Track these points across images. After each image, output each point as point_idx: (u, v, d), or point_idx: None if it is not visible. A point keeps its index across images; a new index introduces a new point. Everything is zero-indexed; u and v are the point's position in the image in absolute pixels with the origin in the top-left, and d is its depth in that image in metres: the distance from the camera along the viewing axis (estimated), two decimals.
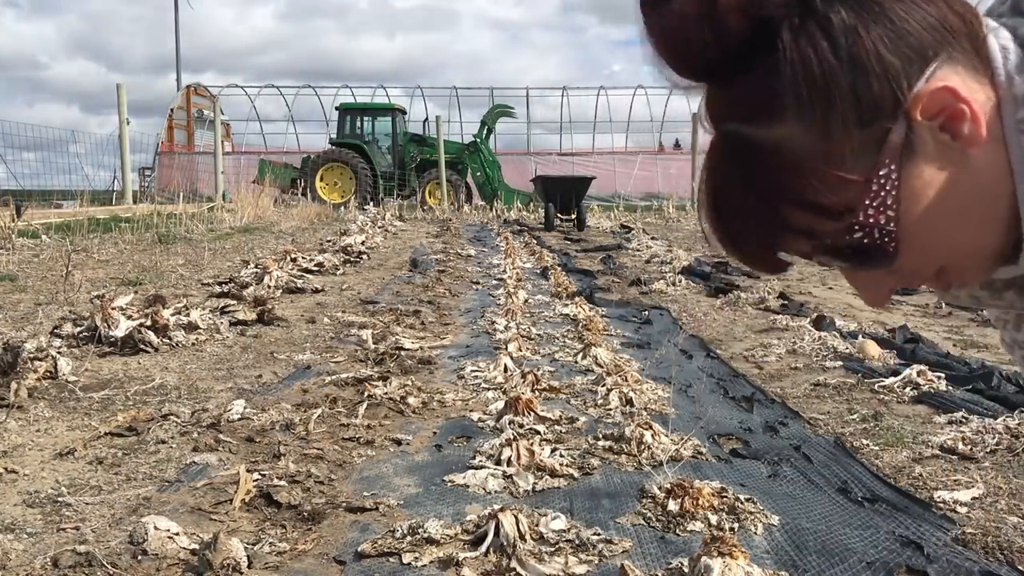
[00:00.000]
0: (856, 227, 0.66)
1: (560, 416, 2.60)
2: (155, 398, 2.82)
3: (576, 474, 2.13)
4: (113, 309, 3.63)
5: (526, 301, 5.16)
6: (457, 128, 26.85)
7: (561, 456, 2.22)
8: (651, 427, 2.36)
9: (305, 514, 1.87)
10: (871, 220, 0.66)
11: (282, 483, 2.01)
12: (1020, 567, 1.63)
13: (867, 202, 0.65)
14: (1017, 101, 0.62)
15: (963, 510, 1.90)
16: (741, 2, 0.63)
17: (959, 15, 0.65)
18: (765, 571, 1.57)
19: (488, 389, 3.01)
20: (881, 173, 0.65)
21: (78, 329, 3.57)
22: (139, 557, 1.62)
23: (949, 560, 1.63)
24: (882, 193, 0.65)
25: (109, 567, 1.56)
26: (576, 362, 3.46)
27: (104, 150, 16.82)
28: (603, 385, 2.97)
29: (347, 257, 7.49)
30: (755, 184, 0.67)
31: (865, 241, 0.67)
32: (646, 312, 4.79)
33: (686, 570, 1.59)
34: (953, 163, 0.65)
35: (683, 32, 0.64)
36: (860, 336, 3.89)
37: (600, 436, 2.40)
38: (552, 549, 1.68)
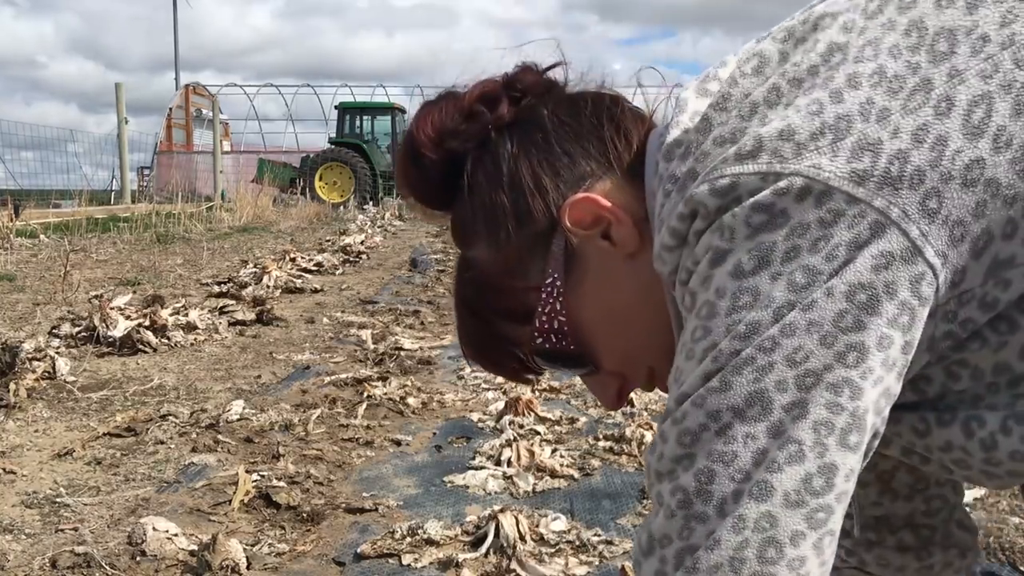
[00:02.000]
0: (536, 332, 0.73)
1: (560, 416, 2.60)
2: (154, 398, 2.82)
3: (576, 475, 2.12)
4: (111, 309, 3.62)
5: None
6: None
7: (561, 456, 2.22)
8: (652, 427, 2.36)
9: (304, 515, 1.86)
10: (545, 325, 0.72)
11: (281, 484, 2.00)
12: (1021, 567, 1.63)
13: (540, 308, 0.72)
14: (668, 241, 0.62)
15: None
16: (431, 139, 0.73)
17: (625, 140, 0.71)
18: None
19: (488, 389, 3.01)
20: (547, 281, 0.71)
21: (76, 329, 3.56)
22: (138, 558, 1.62)
23: None
24: (550, 300, 0.71)
25: (108, 568, 1.56)
26: None
27: (102, 149, 16.82)
28: None
29: (346, 257, 7.48)
30: (468, 299, 0.77)
31: (547, 345, 0.73)
32: None
33: None
34: (618, 270, 0.70)
35: (403, 170, 0.76)
36: None
37: (600, 436, 2.40)
38: (552, 550, 1.67)
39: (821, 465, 0.54)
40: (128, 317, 3.63)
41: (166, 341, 3.59)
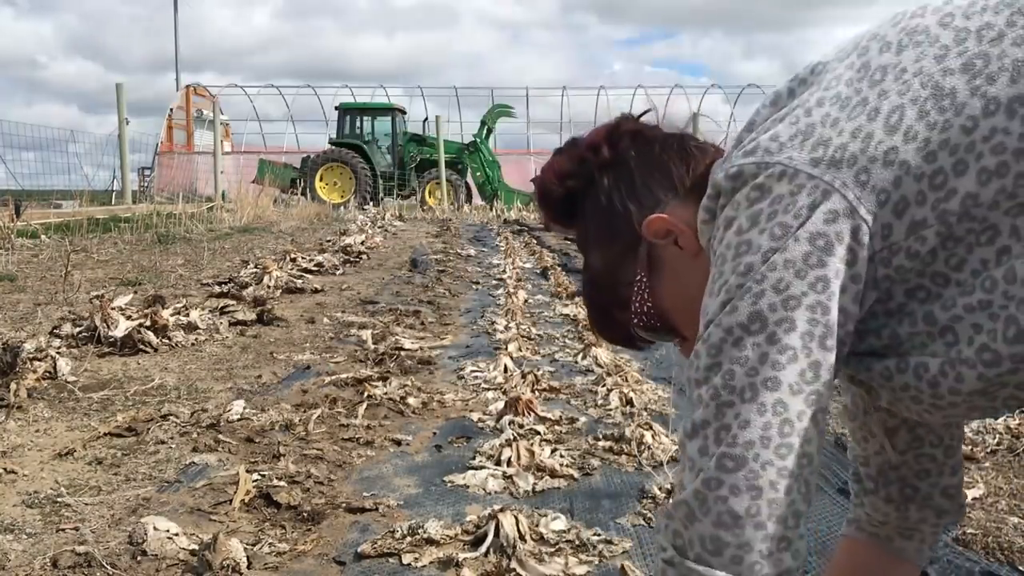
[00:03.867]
0: (633, 315, 0.98)
1: (560, 416, 2.60)
2: (154, 398, 2.82)
3: (576, 474, 2.13)
4: (112, 309, 3.62)
5: (526, 301, 5.16)
6: (457, 128, 26.84)
7: (561, 456, 2.22)
8: (651, 427, 2.36)
9: (305, 514, 1.87)
10: (638, 309, 0.97)
11: (282, 483, 2.01)
12: (1021, 567, 1.63)
13: (633, 298, 0.97)
14: (704, 217, 0.87)
15: None
16: (556, 179, 1.02)
17: (692, 167, 0.97)
18: None
19: (488, 389, 3.01)
20: (637, 278, 0.97)
21: (77, 329, 3.57)
22: (138, 558, 1.62)
23: (949, 560, 1.63)
24: (640, 292, 0.97)
25: (108, 568, 1.56)
26: (576, 362, 3.46)
27: (103, 150, 16.81)
28: (603, 385, 2.97)
29: (347, 257, 7.48)
30: (587, 293, 1.06)
31: (642, 324, 0.98)
32: None
33: None
34: (686, 267, 0.93)
35: (539, 199, 1.05)
36: None
37: (600, 436, 2.40)
38: (552, 549, 1.68)
39: (810, 363, 0.77)
40: (129, 317, 3.63)
41: (167, 341, 3.59)
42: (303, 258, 6.67)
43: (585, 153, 1.01)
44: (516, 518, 1.69)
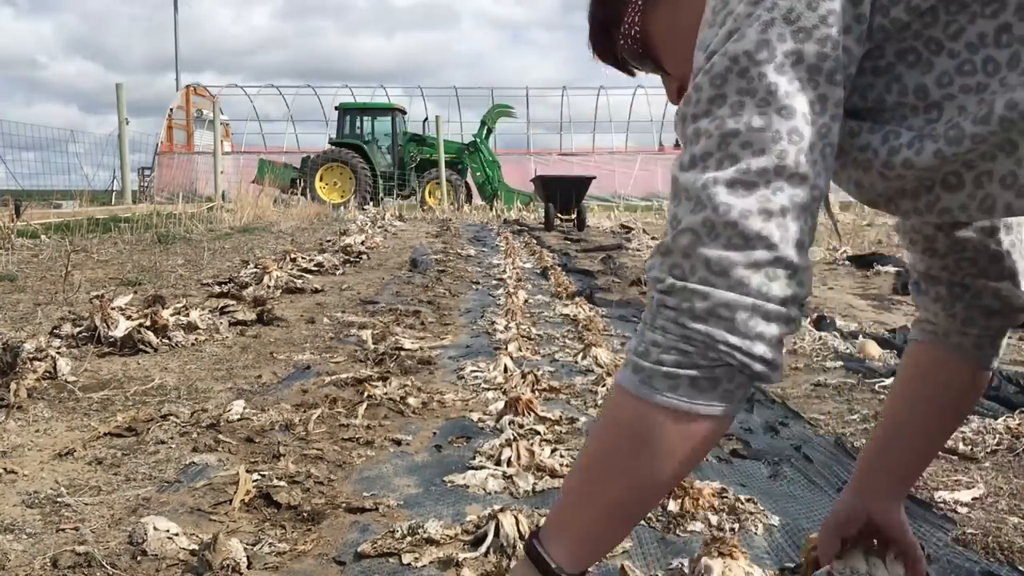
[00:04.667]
0: (620, 37, 1.01)
1: (560, 416, 2.60)
2: (154, 398, 2.82)
3: None
4: (112, 309, 3.62)
5: (526, 301, 5.16)
6: (457, 128, 26.87)
7: (561, 456, 2.22)
8: None
9: (305, 514, 1.87)
10: (626, 32, 1.00)
11: (282, 483, 2.01)
12: (1021, 567, 1.63)
13: (625, 19, 0.99)
14: None
15: (963, 510, 1.90)
16: None
17: None
18: (766, 572, 1.57)
19: (488, 389, 3.01)
20: (631, 3, 0.98)
21: (77, 329, 3.57)
22: (138, 558, 1.62)
23: (949, 560, 1.63)
24: (632, 14, 0.98)
25: (108, 567, 1.56)
26: (576, 362, 3.46)
27: (103, 150, 16.83)
28: (603, 385, 2.97)
29: (347, 257, 7.48)
30: (592, 5, 1.05)
31: (626, 46, 1.01)
32: None
33: (686, 571, 1.58)
34: (675, 4, 0.95)
35: None
36: (860, 336, 3.89)
37: None
38: None
39: (818, 95, 0.75)
40: (129, 317, 3.63)
41: (167, 341, 3.59)
42: (303, 258, 6.67)
43: None
44: (516, 518, 1.69)
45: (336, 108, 22.03)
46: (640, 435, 0.80)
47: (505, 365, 3.28)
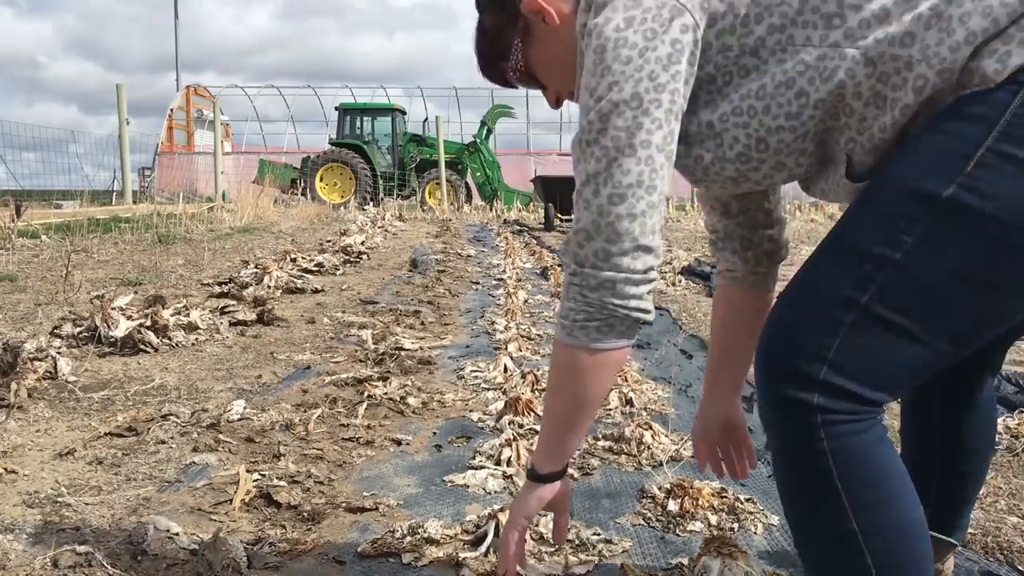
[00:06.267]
0: (510, 69, 1.33)
1: None
2: (155, 398, 2.82)
3: (576, 474, 2.13)
4: (113, 309, 3.63)
5: (526, 301, 5.16)
6: (457, 128, 26.88)
7: None
8: (651, 427, 2.36)
9: (305, 514, 1.87)
10: (513, 65, 1.32)
11: (282, 483, 2.01)
12: (1020, 567, 1.63)
13: (510, 56, 1.32)
14: (583, 5, 1.17)
15: None
16: None
17: None
18: (766, 571, 1.57)
19: (488, 389, 3.01)
20: (516, 41, 1.30)
21: (78, 329, 3.57)
22: (139, 557, 1.62)
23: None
24: (515, 50, 1.31)
25: (109, 567, 1.56)
26: None
27: (104, 150, 16.82)
28: None
29: (347, 257, 7.49)
30: (479, 43, 1.37)
31: (514, 73, 1.34)
32: None
33: (686, 570, 1.59)
34: (552, 37, 1.27)
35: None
36: None
37: (600, 436, 2.40)
38: (552, 549, 1.68)
39: (669, 130, 1.09)
40: (129, 317, 3.63)
41: (167, 341, 3.60)
42: (303, 258, 6.67)
43: None
44: None
45: (336, 108, 22.03)
46: (571, 368, 1.20)
47: (505, 365, 3.28)
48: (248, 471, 2.06)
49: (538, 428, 2.43)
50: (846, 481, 1.01)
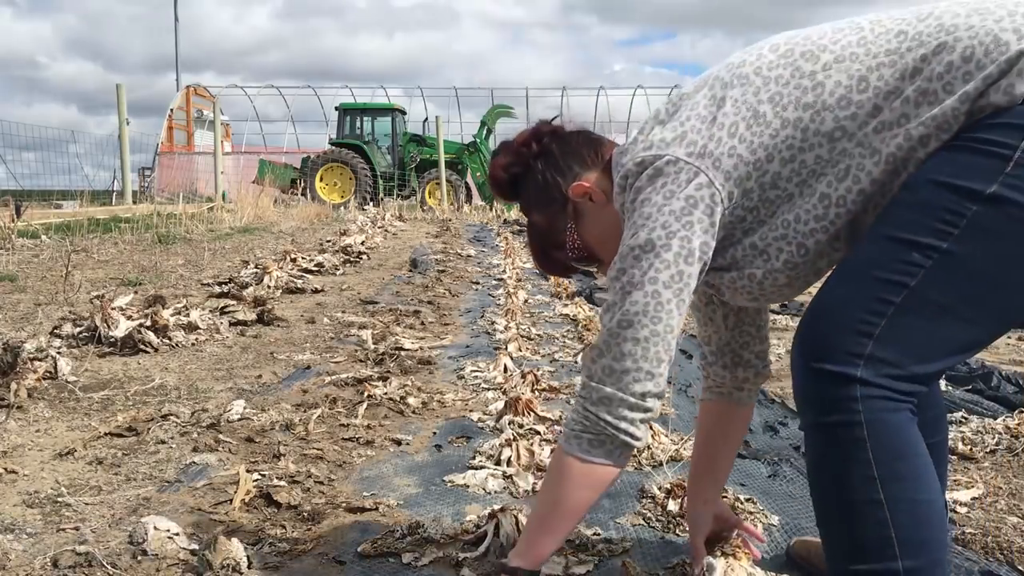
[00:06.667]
0: (568, 251, 1.46)
1: (560, 416, 2.60)
2: (155, 398, 2.82)
3: None
4: (113, 309, 3.63)
5: (526, 301, 5.16)
6: (457, 128, 26.86)
7: None
8: (651, 427, 2.36)
9: (305, 514, 1.87)
10: (571, 246, 1.46)
11: (282, 483, 2.01)
12: (1020, 567, 1.63)
13: (567, 239, 1.45)
14: (616, 169, 1.34)
15: (963, 510, 1.91)
16: (501, 169, 1.50)
17: (595, 150, 1.46)
18: (766, 571, 1.57)
19: (488, 389, 3.01)
20: (568, 226, 1.45)
21: (78, 329, 3.57)
22: (139, 557, 1.62)
23: (949, 560, 1.63)
24: (571, 233, 1.45)
25: (109, 567, 1.56)
26: (576, 362, 3.46)
27: (104, 150, 16.82)
28: None
29: (347, 257, 7.49)
30: (534, 240, 1.52)
31: (573, 256, 1.47)
32: None
33: (687, 570, 1.59)
34: (599, 213, 1.42)
35: (492, 183, 1.53)
36: None
37: None
38: None
39: (677, 271, 1.24)
40: (129, 317, 3.63)
41: (167, 341, 3.59)
42: (303, 258, 6.66)
43: (520, 149, 1.49)
44: (516, 518, 1.69)
45: (336, 108, 22.02)
46: (558, 472, 1.33)
47: (505, 365, 3.28)
48: (248, 471, 2.06)
49: (538, 428, 2.44)
50: (877, 452, 1.11)
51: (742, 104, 1.25)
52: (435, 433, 2.51)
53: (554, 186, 1.44)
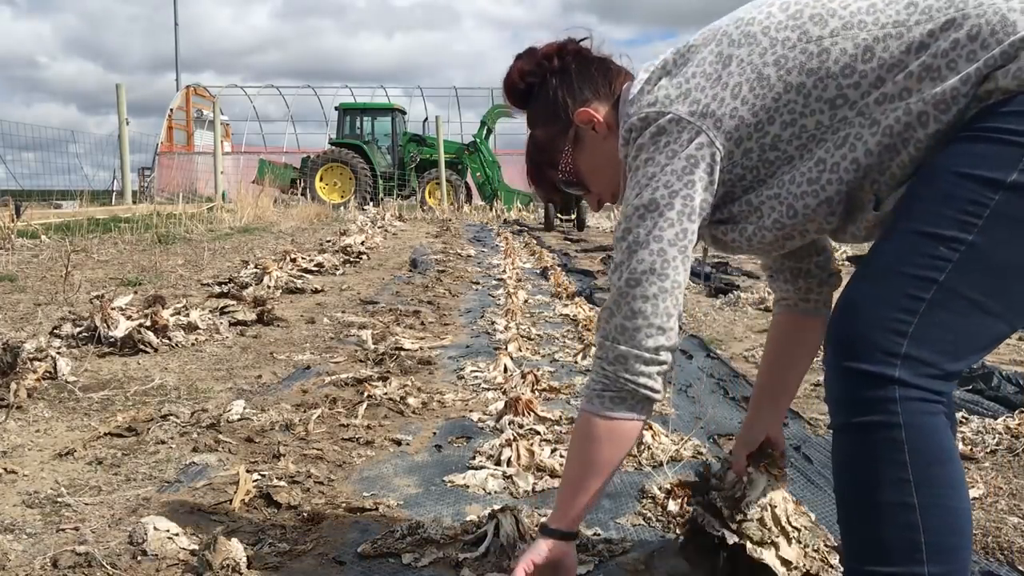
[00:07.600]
0: (560, 172, 1.48)
1: (560, 416, 2.60)
2: (155, 398, 2.82)
3: None
4: (112, 309, 3.62)
5: (526, 301, 5.16)
6: (457, 128, 26.88)
7: (561, 456, 2.22)
8: (651, 427, 2.36)
9: (305, 514, 1.87)
10: (563, 168, 1.47)
11: (282, 483, 2.01)
12: (1020, 567, 1.63)
13: (561, 161, 1.47)
14: (623, 119, 1.37)
15: None
16: (519, 76, 1.49)
17: (610, 82, 1.45)
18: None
19: (488, 389, 3.01)
20: (566, 148, 1.46)
21: (77, 329, 3.57)
22: (139, 558, 1.62)
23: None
24: (567, 157, 1.46)
25: (109, 567, 1.56)
26: (576, 362, 3.46)
27: (103, 150, 16.86)
28: None
29: (347, 257, 7.48)
30: (531, 154, 1.53)
31: (564, 178, 1.49)
32: None
33: (707, 472, 1.59)
34: (598, 144, 1.44)
35: (507, 87, 1.51)
36: None
37: None
38: None
39: (681, 228, 1.29)
40: (129, 317, 3.63)
41: (167, 341, 3.59)
42: (303, 258, 6.66)
43: (541, 60, 1.48)
44: (516, 518, 1.69)
45: (336, 108, 22.03)
46: (584, 433, 1.37)
47: (505, 365, 3.28)
48: (248, 471, 2.06)
49: (537, 428, 2.44)
50: (913, 456, 1.09)
51: (747, 65, 1.26)
52: (435, 433, 2.51)
53: (563, 106, 1.45)
